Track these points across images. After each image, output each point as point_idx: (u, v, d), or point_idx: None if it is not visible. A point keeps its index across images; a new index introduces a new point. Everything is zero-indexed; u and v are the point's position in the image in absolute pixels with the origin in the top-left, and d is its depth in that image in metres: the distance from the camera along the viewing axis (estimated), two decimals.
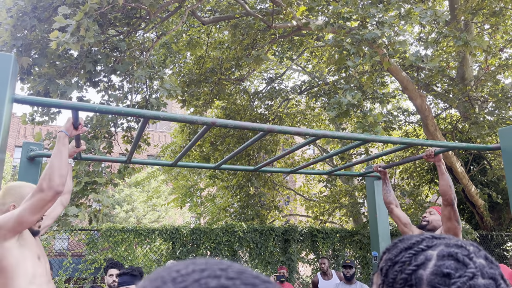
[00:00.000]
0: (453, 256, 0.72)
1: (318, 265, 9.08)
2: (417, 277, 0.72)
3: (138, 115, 2.24)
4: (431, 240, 0.77)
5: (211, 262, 0.40)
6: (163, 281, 0.37)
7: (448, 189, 2.93)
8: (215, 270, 0.38)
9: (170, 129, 23.39)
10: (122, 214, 18.61)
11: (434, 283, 0.70)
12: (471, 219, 10.38)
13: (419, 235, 0.80)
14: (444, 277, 0.70)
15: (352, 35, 5.60)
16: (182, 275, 0.37)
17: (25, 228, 1.88)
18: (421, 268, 0.72)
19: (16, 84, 1.96)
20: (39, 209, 1.83)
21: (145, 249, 7.99)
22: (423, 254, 0.74)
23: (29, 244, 1.99)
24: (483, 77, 8.82)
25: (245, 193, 10.75)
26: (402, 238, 0.82)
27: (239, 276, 0.37)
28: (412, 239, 0.79)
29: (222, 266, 0.39)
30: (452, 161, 8.51)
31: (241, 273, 0.38)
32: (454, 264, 0.71)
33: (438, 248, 0.75)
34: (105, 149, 6.07)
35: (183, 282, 0.36)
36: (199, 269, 0.38)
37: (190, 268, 0.38)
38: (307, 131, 2.64)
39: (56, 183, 1.84)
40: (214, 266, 0.39)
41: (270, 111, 11.19)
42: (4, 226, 1.81)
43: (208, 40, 9.54)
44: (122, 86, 6.76)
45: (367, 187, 4.38)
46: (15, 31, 5.24)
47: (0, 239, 1.81)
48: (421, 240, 0.78)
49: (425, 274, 0.72)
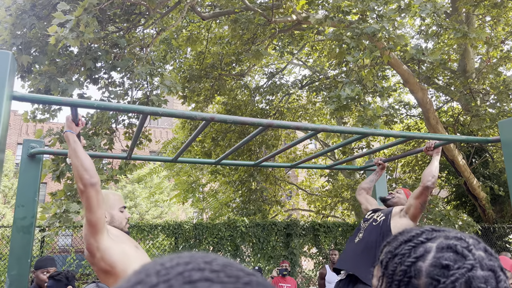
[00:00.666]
0: (452, 248, 0.73)
1: (321, 259, 9.11)
2: (416, 269, 0.73)
3: (137, 111, 2.25)
4: (431, 233, 0.78)
5: (196, 255, 0.40)
6: (147, 274, 0.37)
7: (431, 175, 2.93)
8: (200, 263, 0.38)
9: (172, 125, 23.41)
10: None
11: (433, 275, 0.71)
12: (473, 212, 10.37)
13: (419, 228, 0.81)
14: (443, 268, 0.71)
15: (352, 29, 5.58)
16: (166, 268, 0.38)
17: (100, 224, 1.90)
18: (420, 260, 0.73)
19: (14, 81, 1.97)
20: (92, 205, 1.86)
21: (148, 244, 8.03)
22: (423, 247, 0.75)
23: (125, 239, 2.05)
24: (484, 69, 8.78)
25: (247, 188, 10.77)
26: (403, 231, 0.82)
27: (223, 269, 0.38)
28: (412, 232, 0.80)
29: (207, 259, 0.39)
30: (454, 154, 8.50)
31: (226, 266, 0.38)
32: (453, 256, 0.72)
33: (437, 241, 0.75)
34: (106, 146, 6.08)
35: (167, 275, 0.36)
36: (184, 262, 0.38)
37: (174, 261, 0.39)
38: (306, 125, 2.64)
39: (86, 178, 1.86)
40: (199, 259, 0.39)
41: (271, 106, 11.18)
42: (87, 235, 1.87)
43: (208, 36, 9.51)
44: (122, 82, 6.76)
45: None
46: (15, 29, 5.24)
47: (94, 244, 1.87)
48: (421, 233, 0.78)
49: (424, 266, 0.72)
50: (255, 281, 0.38)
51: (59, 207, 5.30)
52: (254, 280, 0.38)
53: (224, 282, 0.36)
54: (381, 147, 3.62)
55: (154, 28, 7.81)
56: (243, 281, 0.37)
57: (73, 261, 7.66)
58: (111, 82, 6.45)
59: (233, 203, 11.77)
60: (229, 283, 0.36)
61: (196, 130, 2.60)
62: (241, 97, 11.38)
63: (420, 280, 0.72)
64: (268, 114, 10.90)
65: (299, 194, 14.79)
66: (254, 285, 0.37)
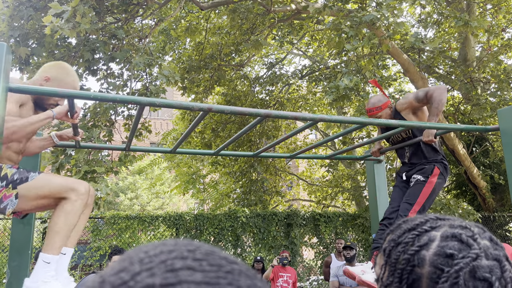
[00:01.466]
0: (457, 237, 0.72)
1: (328, 247, 9.16)
2: (420, 257, 0.72)
3: (134, 102, 2.24)
4: (435, 221, 0.77)
5: (180, 243, 0.40)
6: (130, 262, 0.38)
7: None
8: (183, 252, 0.38)
9: (172, 116, 23.38)
10: (126, 202, 18.74)
11: (436, 264, 0.70)
12: (473, 201, 10.39)
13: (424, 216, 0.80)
14: (447, 257, 0.70)
15: (351, 18, 5.54)
16: (149, 256, 0.38)
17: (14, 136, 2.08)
18: (424, 249, 0.73)
19: (9, 73, 1.96)
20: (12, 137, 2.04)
21: (149, 235, 8.07)
22: (427, 235, 0.74)
23: None
24: (485, 58, 8.73)
25: (248, 179, 10.79)
26: (406, 220, 0.81)
27: (206, 258, 0.38)
28: (416, 220, 0.79)
29: (191, 247, 0.39)
30: (454, 143, 8.49)
31: (209, 254, 0.38)
32: (457, 245, 0.71)
33: (442, 229, 0.75)
34: (105, 137, 6.08)
35: (150, 263, 0.37)
36: (167, 250, 0.38)
37: (158, 249, 0.39)
38: (304, 115, 2.63)
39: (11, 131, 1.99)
40: (182, 247, 0.39)
41: (271, 97, 11.14)
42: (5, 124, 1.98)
43: (207, 26, 9.45)
44: (121, 74, 6.74)
45: (367, 170, 4.38)
46: (12, 21, 5.21)
47: None
48: (425, 221, 0.77)
49: (428, 255, 0.72)
50: (237, 269, 0.38)
51: None
52: (236, 268, 0.38)
53: (206, 270, 0.36)
54: (381, 137, 3.61)
55: (152, 19, 7.76)
56: (225, 269, 0.37)
57: (75, 252, 7.71)
58: (110, 73, 6.43)
59: (233, 193, 11.80)
60: (211, 271, 0.36)
61: (194, 121, 2.60)
62: (240, 87, 11.34)
63: (424, 269, 0.71)
64: (268, 104, 10.87)
65: (299, 184, 14.82)
66: (236, 273, 0.37)
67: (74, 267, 7.92)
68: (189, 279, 0.34)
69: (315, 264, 9.14)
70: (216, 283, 0.35)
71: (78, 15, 4.39)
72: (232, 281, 0.36)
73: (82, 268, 8.29)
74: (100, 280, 0.37)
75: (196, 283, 0.34)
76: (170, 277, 0.34)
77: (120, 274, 0.36)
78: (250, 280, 0.37)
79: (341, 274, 5.46)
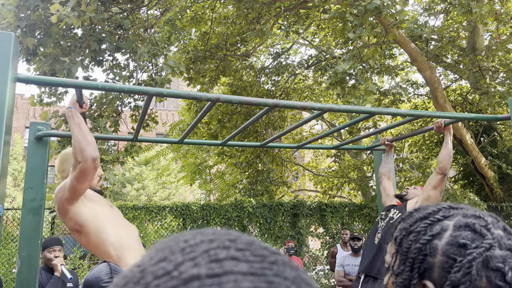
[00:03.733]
0: (470, 226, 0.71)
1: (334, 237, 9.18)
2: (432, 247, 0.72)
3: (142, 92, 2.24)
4: (448, 210, 0.76)
5: (219, 232, 0.39)
6: (171, 251, 0.36)
7: (447, 158, 2.94)
8: (224, 241, 0.37)
9: (178, 107, 23.39)
10: (133, 192, 18.87)
11: (449, 253, 0.70)
12: (480, 191, 10.34)
13: (436, 205, 0.79)
14: (460, 247, 0.69)
15: (356, 6, 5.47)
16: (190, 246, 0.37)
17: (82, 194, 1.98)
18: (437, 238, 0.72)
19: (18, 63, 1.96)
20: (86, 177, 1.89)
21: (156, 226, 8.12)
22: (439, 224, 0.74)
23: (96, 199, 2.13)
24: (494, 46, 8.61)
25: (254, 170, 10.80)
26: (418, 208, 0.81)
27: (248, 247, 0.37)
28: (429, 209, 0.78)
29: (231, 237, 0.38)
30: (462, 133, 8.42)
31: (250, 244, 0.38)
32: (471, 234, 0.70)
33: (455, 219, 0.74)
34: (111, 127, 6.09)
35: (192, 252, 0.35)
36: (208, 240, 0.37)
37: (198, 239, 0.38)
38: (312, 105, 2.62)
39: (88, 152, 1.87)
40: (222, 237, 0.38)
41: (277, 87, 11.09)
42: (63, 197, 1.94)
43: (212, 16, 9.39)
44: (127, 64, 6.73)
45: (374, 161, 4.36)
46: (19, 11, 5.20)
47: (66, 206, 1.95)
48: (438, 210, 0.77)
49: (441, 244, 0.71)
50: (281, 260, 0.37)
51: None
52: (280, 259, 0.37)
53: (250, 261, 0.35)
54: (388, 127, 3.59)
55: (158, 9, 7.72)
56: (269, 260, 0.36)
57: None
58: (115, 64, 6.42)
59: (240, 184, 11.83)
60: (256, 262, 0.35)
61: (201, 111, 2.59)
62: (246, 78, 11.30)
63: (436, 258, 0.71)
64: (274, 95, 10.83)
65: (305, 175, 14.81)
66: (280, 264, 0.36)
67: (83, 257, 8.01)
68: (235, 270, 0.33)
69: (321, 254, 9.16)
70: (263, 274, 0.34)
71: (83, 3, 4.38)
72: (278, 272, 0.34)
73: (91, 258, 8.38)
74: (139, 269, 0.35)
75: (242, 274, 0.33)
76: (215, 267, 0.33)
77: (161, 264, 0.35)
78: (295, 271, 0.36)
79: (347, 264, 5.49)
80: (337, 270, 5.59)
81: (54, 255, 3.49)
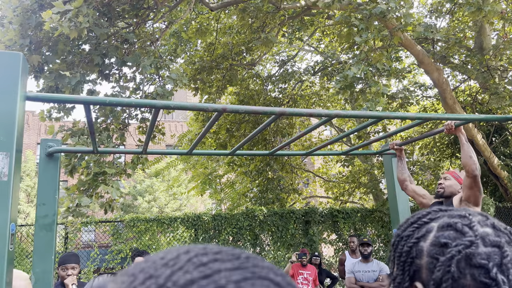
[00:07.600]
0: (452, 226, 0.73)
1: (343, 244, 9.10)
2: (418, 249, 0.74)
3: (149, 105, 2.25)
4: (436, 213, 0.78)
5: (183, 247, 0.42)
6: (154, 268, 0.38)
7: (469, 159, 2.87)
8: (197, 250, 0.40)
9: (186, 118, 23.52)
10: (144, 205, 18.95)
11: (432, 254, 0.71)
12: (495, 192, 10.19)
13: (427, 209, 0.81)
14: (442, 247, 0.71)
15: (361, 11, 5.48)
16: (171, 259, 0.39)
17: None
18: (422, 240, 0.74)
19: (27, 82, 1.99)
20: None
21: (169, 237, 8.13)
22: (425, 227, 0.76)
23: None
24: (502, 45, 8.53)
25: (264, 178, 10.78)
26: (414, 214, 0.82)
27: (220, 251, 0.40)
28: (419, 214, 0.80)
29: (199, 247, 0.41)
30: (473, 134, 8.33)
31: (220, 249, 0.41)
32: (452, 233, 0.71)
33: (440, 220, 0.75)
34: (117, 140, 6.13)
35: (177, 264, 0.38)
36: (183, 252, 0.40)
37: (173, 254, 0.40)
38: (319, 111, 2.61)
39: None
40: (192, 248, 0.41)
41: (284, 94, 11.10)
42: None
43: (217, 26, 9.47)
44: (134, 77, 6.79)
45: (384, 165, 4.34)
46: (23, 29, 5.28)
47: None
48: (427, 214, 0.79)
49: (425, 246, 0.73)
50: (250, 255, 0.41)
51: (72, 201, 5.40)
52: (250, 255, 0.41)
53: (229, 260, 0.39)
54: (397, 130, 3.56)
55: (163, 22, 7.80)
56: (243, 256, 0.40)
57: (96, 256, 7.81)
58: (121, 76, 6.48)
59: (250, 193, 11.81)
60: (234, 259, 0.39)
61: (209, 122, 2.60)
62: (253, 86, 11.33)
63: (422, 260, 0.73)
64: (281, 102, 10.83)
65: (316, 181, 14.74)
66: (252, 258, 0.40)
67: (97, 270, 8.03)
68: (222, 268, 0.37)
69: (335, 261, 9.08)
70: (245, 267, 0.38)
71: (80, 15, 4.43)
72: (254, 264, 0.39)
73: (104, 271, 8.40)
74: None
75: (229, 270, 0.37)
76: (204, 270, 0.37)
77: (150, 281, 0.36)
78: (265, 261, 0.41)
79: (357, 270, 5.43)
80: (348, 276, 5.54)
81: (66, 273, 3.48)
